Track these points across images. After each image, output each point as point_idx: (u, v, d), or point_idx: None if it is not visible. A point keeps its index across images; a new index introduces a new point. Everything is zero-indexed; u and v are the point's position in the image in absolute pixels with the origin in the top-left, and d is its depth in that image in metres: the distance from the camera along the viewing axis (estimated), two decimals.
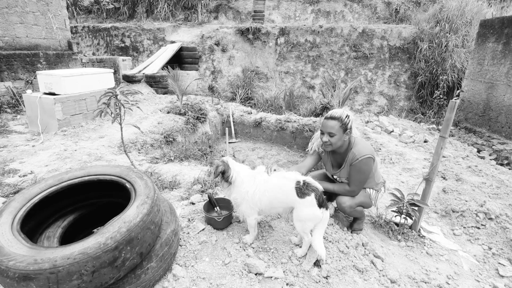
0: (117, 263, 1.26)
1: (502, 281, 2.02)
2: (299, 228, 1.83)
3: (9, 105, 5.83)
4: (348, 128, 2.02)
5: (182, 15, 12.71)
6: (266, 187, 1.86)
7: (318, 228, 1.81)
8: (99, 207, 1.94)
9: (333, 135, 1.99)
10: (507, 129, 5.26)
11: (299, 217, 1.80)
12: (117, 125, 4.39)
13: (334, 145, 2.03)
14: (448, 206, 2.80)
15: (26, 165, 3.33)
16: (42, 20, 6.77)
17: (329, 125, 2.00)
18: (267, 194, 1.85)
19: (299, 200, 1.77)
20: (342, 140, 2.03)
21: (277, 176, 1.90)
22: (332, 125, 1.98)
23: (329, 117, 2.03)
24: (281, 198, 1.85)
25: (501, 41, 5.46)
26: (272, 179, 1.89)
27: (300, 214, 1.79)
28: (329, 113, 2.06)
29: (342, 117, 1.99)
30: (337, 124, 1.98)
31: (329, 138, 2.01)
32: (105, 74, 5.39)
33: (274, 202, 1.88)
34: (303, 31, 9.60)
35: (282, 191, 1.83)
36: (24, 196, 1.52)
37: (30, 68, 6.44)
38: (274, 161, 5.38)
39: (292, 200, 1.80)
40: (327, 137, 2.02)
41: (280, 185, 1.84)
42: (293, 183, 1.79)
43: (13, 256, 1.15)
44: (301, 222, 1.80)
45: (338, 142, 2.02)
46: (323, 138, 2.05)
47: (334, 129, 1.98)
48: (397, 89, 9.06)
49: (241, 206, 1.92)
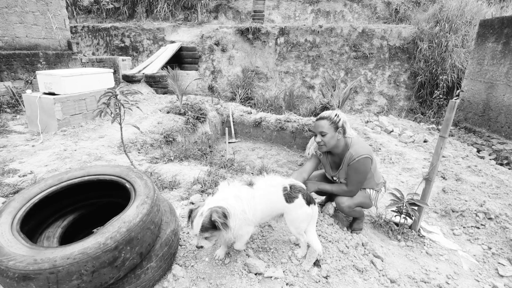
0: (117, 263, 1.25)
1: (502, 280, 2.03)
2: (295, 231, 1.83)
3: (9, 105, 5.82)
4: (340, 126, 2.05)
5: (182, 15, 12.70)
6: (256, 201, 1.72)
7: (310, 224, 1.82)
8: (99, 207, 1.94)
9: (325, 134, 2.04)
10: (506, 129, 5.27)
11: (292, 221, 1.79)
12: (116, 125, 4.39)
13: (327, 144, 2.06)
14: (448, 206, 2.80)
15: (26, 165, 3.33)
16: (41, 20, 6.76)
17: (319, 124, 2.06)
18: (259, 207, 1.73)
19: (289, 206, 1.76)
20: (335, 138, 2.06)
21: (262, 186, 1.77)
22: (322, 124, 2.05)
23: (319, 118, 2.11)
24: (272, 207, 1.79)
25: (501, 41, 5.46)
26: (258, 191, 1.74)
27: (293, 218, 1.78)
28: (319, 115, 2.14)
29: (331, 116, 2.06)
30: (327, 123, 2.04)
31: (322, 138, 2.06)
32: (105, 74, 5.39)
33: (266, 213, 1.80)
34: (303, 31, 9.60)
35: (271, 201, 1.76)
36: (24, 196, 1.52)
37: (29, 68, 6.43)
38: (273, 161, 5.38)
39: (282, 206, 1.77)
40: (319, 137, 2.07)
41: (268, 195, 1.76)
42: (280, 190, 1.76)
43: (12, 256, 1.15)
44: (295, 225, 1.80)
45: (331, 140, 2.05)
46: (316, 139, 2.10)
47: (325, 128, 2.03)
48: (397, 89, 9.06)
49: (241, 230, 1.69)
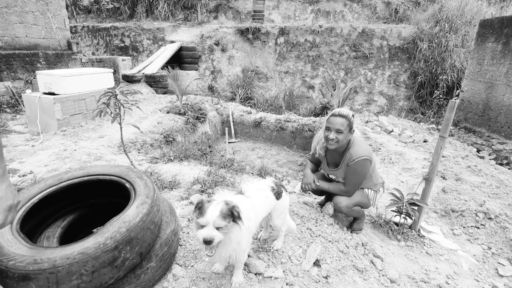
0: (116, 263, 1.25)
1: (502, 280, 2.03)
2: (280, 223, 1.89)
3: (9, 105, 5.82)
4: (353, 128, 2.05)
5: (181, 15, 12.69)
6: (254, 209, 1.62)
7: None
8: (98, 207, 1.93)
9: (341, 133, 2.00)
10: (506, 129, 5.27)
11: (280, 214, 1.85)
12: (116, 125, 4.39)
13: (340, 142, 2.03)
14: (448, 206, 2.80)
15: (26, 165, 3.32)
16: (41, 19, 6.76)
17: (338, 122, 2.00)
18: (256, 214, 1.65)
19: (278, 202, 1.80)
20: (347, 138, 2.05)
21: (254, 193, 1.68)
22: (342, 122, 1.99)
23: (338, 115, 2.02)
24: (266, 210, 1.77)
25: (501, 41, 5.46)
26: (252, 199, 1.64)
27: (280, 211, 1.85)
28: (337, 111, 2.05)
29: (349, 115, 2.02)
30: (346, 122, 2.00)
31: (337, 135, 2.00)
32: (105, 74, 5.39)
33: (260, 217, 1.74)
34: (303, 31, 9.60)
35: (266, 204, 1.74)
36: (24, 196, 1.52)
37: (29, 68, 6.43)
38: (273, 161, 5.38)
39: (273, 204, 1.79)
40: (334, 134, 2.01)
41: (262, 199, 1.71)
42: (270, 191, 1.76)
43: (12, 256, 1.15)
44: (281, 217, 1.87)
45: (344, 140, 2.03)
46: (329, 135, 2.02)
47: (343, 127, 1.99)
48: (397, 89, 9.06)
49: (241, 244, 1.49)
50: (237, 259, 1.53)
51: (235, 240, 1.43)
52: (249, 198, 1.63)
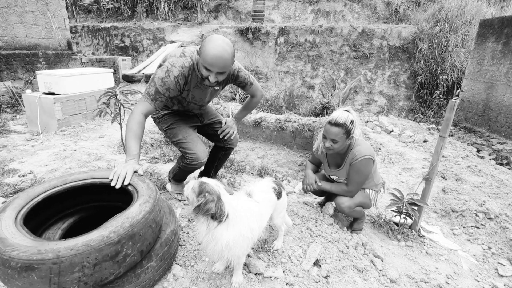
0: (118, 258, 1.27)
1: (502, 280, 2.03)
2: (280, 221, 1.88)
3: (9, 105, 5.82)
4: (352, 133, 2.01)
5: (181, 15, 12.70)
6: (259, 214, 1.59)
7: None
8: (99, 210, 1.94)
9: (336, 142, 1.99)
10: (506, 129, 5.27)
11: (279, 213, 1.86)
12: (116, 125, 4.39)
13: (336, 150, 2.05)
14: (448, 206, 2.80)
15: (26, 165, 3.33)
16: (41, 19, 6.76)
17: (333, 132, 1.97)
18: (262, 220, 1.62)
19: (279, 201, 1.80)
20: (344, 145, 2.05)
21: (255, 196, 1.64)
22: (336, 132, 1.96)
23: (334, 124, 1.97)
24: (270, 212, 1.76)
25: (501, 41, 5.46)
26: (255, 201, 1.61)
27: (280, 210, 1.85)
28: (334, 118, 1.98)
29: (346, 123, 1.95)
30: (341, 131, 1.96)
31: (332, 144, 2.01)
32: (105, 74, 5.39)
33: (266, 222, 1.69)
34: (303, 31, 9.60)
35: (270, 207, 1.73)
36: (28, 195, 1.54)
37: (29, 68, 6.43)
38: (273, 161, 5.38)
39: (274, 205, 1.78)
40: (329, 142, 2.01)
41: (267, 202, 1.69)
42: (272, 192, 1.74)
43: (16, 246, 1.16)
44: (281, 216, 1.88)
45: (340, 147, 2.03)
46: (325, 143, 2.03)
47: (338, 136, 1.97)
48: (397, 89, 9.06)
49: (234, 249, 1.43)
50: (233, 262, 1.52)
51: (220, 241, 1.39)
52: (258, 203, 1.61)
